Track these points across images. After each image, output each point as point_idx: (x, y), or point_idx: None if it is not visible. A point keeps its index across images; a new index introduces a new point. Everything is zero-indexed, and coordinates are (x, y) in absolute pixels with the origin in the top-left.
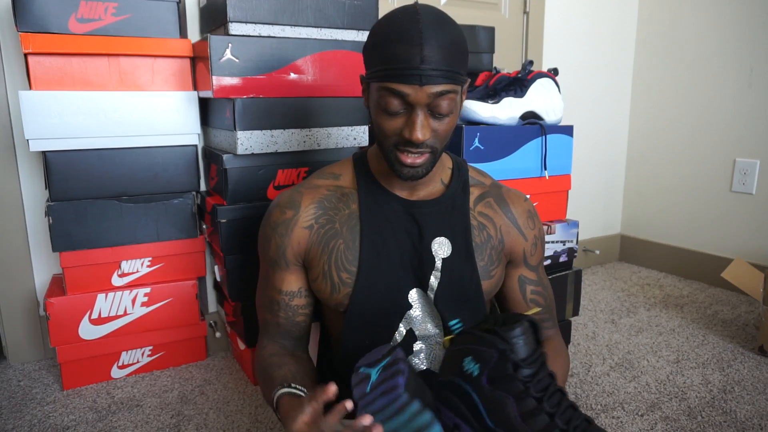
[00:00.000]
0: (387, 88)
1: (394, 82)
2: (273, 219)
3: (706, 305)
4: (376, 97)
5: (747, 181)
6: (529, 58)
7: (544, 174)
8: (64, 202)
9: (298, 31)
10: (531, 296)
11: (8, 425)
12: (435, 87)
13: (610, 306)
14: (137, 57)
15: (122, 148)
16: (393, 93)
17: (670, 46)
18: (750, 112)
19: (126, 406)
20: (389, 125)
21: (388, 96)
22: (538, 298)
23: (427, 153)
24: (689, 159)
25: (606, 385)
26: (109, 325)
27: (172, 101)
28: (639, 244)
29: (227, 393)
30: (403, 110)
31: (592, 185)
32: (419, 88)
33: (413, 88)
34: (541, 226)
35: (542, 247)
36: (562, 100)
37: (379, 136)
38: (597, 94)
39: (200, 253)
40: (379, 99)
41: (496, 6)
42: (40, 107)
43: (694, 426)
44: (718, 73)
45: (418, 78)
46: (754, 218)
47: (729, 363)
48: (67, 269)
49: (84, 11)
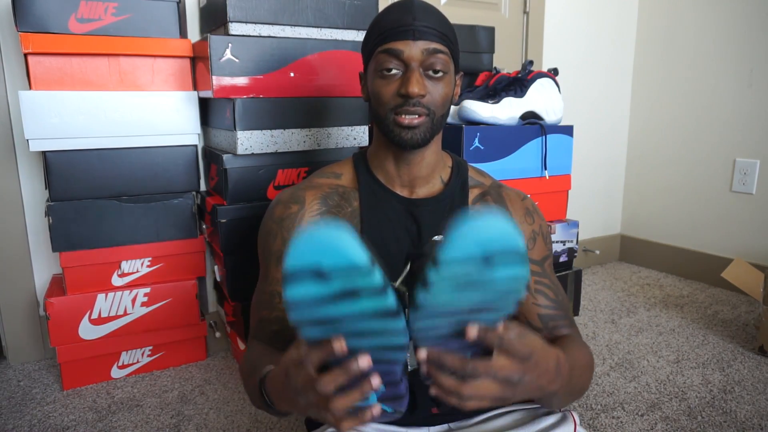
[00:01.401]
0: (382, 50)
1: (388, 42)
2: (277, 214)
3: (706, 305)
4: (373, 68)
5: (747, 181)
6: (529, 58)
7: (544, 174)
8: (64, 202)
9: (298, 31)
10: (535, 287)
11: (8, 425)
12: (428, 43)
13: (610, 306)
14: (137, 57)
15: (122, 148)
16: (388, 53)
17: (670, 46)
18: (750, 112)
19: (126, 406)
20: (386, 89)
21: (383, 57)
22: (546, 290)
23: (424, 114)
24: (689, 159)
25: (606, 385)
26: (109, 325)
27: (172, 101)
28: (639, 244)
29: (227, 393)
30: (398, 71)
31: (592, 185)
32: (413, 43)
33: (406, 43)
34: (542, 223)
35: (544, 242)
36: (562, 100)
37: (378, 107)
38: (597, 94)
39: (200, 253)
40: (376, 65)
41: (496, 6)
42: (40, 107)
43: (695, 426)
44: (718, 73)
45: (411, 33)
46: (754, 218)
47: (729, 363)
48: (67, 269)
49: (84, 11)
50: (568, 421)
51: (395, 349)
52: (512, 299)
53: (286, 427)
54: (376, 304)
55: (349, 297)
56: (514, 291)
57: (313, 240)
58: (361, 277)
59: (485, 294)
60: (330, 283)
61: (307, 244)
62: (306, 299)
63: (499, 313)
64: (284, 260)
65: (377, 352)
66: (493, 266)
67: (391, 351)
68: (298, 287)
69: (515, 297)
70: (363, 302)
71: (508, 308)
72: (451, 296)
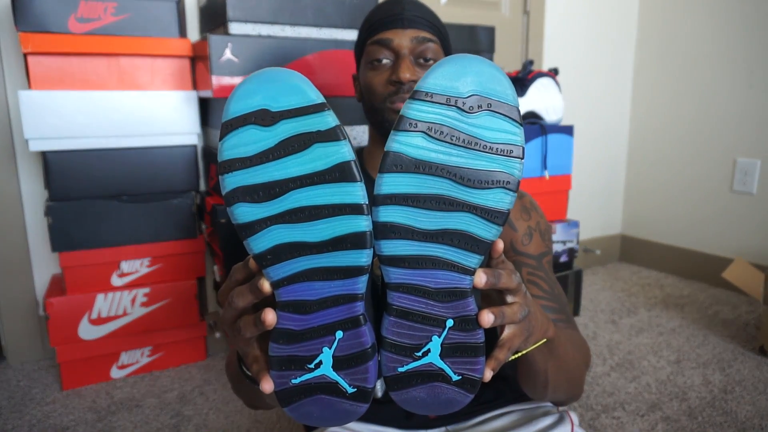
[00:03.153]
0: (372, 41)
1: (378, 33)
2: None
3: (707, 305)
4: (364, 60)
5: (748, 180)
6: (530, 58)
7: (544, 174)
8: (64, 202)
9: (297, 30)
10: (528, 278)
11: (8, 425)
12: (417, 32)
13: (610, 306)
14: (137, 57)
15: (122, 148)
16: (378, 43)
17: (670, 46)
18: (750, 112)
19: (125, 407)
20: (377, 79)
21: (374, 48)
22: (540, 282)
23: None
24: (690, 159)
25: (606, 385)
26: (109, 325)
27: (172, 101)
28: (639, 244)
29: (227, 393)
30: (389, 61)
31: (592, 185)
32: (402, 31)
33: (396, 32)
34: (540, 220)
35: (542, 239)
36: (562, 100)
37: (371, 98)
38: (597, 93)
39: (200, 253)
40: (367, 57)
41: (496, 6)
42: (40, 107)
43: (695, 426)
44: (718, 72)
45: (400, 21)
46: (754, 218)
47: (729, 363)
48: (66, 269)
49: (83, 11)
50: (565, 422)
51: (354, 248)
52: (504, 170)
53: (285, 428)
54: (327, 158)
55: (296, 149)
56: (506, 154)
57: (261, 79)
58: (311, 118)
59: (469, 157)
60: (275, 129)
61: (252, 84)
62: (246, 153)
63: (490, 196)
64: (225, 109)
65: (330, 255)
66: (475, 112)
67: (350, 253)
68: (237, 135)
69: (508, 167)
70: (313, 154)
71: (499, 196)
72: (427, 151)
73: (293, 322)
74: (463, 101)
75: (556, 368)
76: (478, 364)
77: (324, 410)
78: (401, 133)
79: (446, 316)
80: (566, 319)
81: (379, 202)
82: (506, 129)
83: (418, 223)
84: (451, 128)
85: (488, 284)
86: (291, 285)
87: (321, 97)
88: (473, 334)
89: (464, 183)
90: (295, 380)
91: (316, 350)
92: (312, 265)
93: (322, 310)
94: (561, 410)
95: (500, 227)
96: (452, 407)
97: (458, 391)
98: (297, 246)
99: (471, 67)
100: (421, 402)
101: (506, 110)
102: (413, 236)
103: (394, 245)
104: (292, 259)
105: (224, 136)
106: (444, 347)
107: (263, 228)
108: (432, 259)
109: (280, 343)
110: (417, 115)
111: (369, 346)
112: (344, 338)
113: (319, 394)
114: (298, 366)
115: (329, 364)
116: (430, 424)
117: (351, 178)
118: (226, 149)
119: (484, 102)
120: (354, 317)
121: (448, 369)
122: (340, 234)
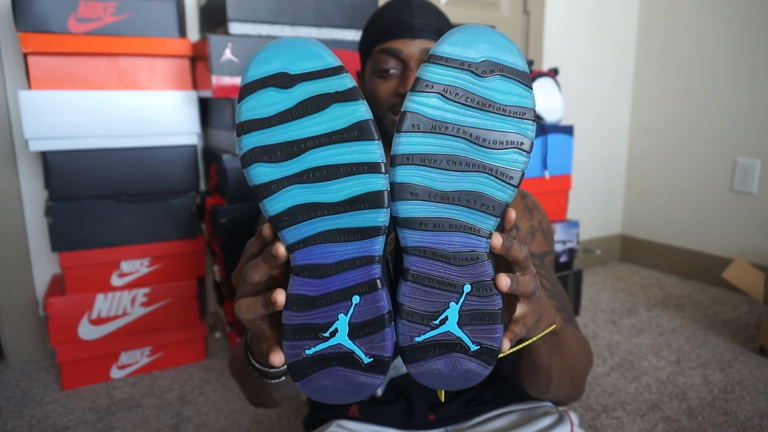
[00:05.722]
0: (380, 49)
1: (386, 41)
2: None
3: (707, 305)
4: (371, 68)
5: (748, 180)
6: (530, 58)
7: (544, 174)
8: (64, 201)
9: (297, 30)
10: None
11: (8, 425)
12: (427, 42)
13: (610, 306)
14: (136, 56)
15: (122, 148)
16: (386, 52)
17: (670, 46)
18: (750, 112)
19: (125, 407)
20: (383, 88)
21: (381, 57)
22: (543, 281)
23: None
24: (690, 159)
25: (607, 385)
26: (109, 326)
27: (172, 101)
28: (640, 244)
29: (227, 393)
30: (397, 71)
31: (592, 185)
32: (411, 41)
33: (405, 42)
34: (542, 220)
35: (544, 239)
36: (562, 100)
37: (375, 106)
38: (598, 93)
39: (200, 253)
40: (374, 65)
41: (496, 6)
42: (40, 107)
43: (695, 426)
44: (718, 72)
45: (410, 31)
46: (754, 218)
47: (730, 363)
48: (66, 269)
49: (83, 11)
50: (565, 422)
51: (372, 207)
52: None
53: (286, 428)
54: (346, 117)
55: (315, 109)
56: (519, 116)
57: (279, 46)
58: (330, 80)
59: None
60: (293, 91)
61: (271, 50)
62: (265, 114)
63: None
64: (243, 74)
65: (347, 215)
66: (487, 76)
67: (368, 212)
68: (256, 97)
69: (522, 129)
70: (331, 113)
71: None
72: (444, 111)
73: (308, 287)
74: (476, 65)
75: (560, 363)
76: (496, 332)
77: (338, 383)
78: (418, 93)
79: (464, 281)
80: (569, 318)
81: (397, 162)
82: (518, 92)
83: (434, 183)
84: (465, 90)
85: (504, 248)
86: (307, 248)
87: (338, 60)
88: (491, 299)
89: (479, 143)
90: (309, 351)
91: (332, 317)
92: (328, 227)
93: (338, 273)
94: (561, 410)
95: (515, 189)
96: (470, 380)
97: (477, 362)
98: (313, 206)
99: (482, 36)
100: (439, 375)
101: (517, 75)
102: (430, 197)
103: (411, 206)
104: (309, 220)
105: (243, 99)
106: (462, 314)
107: (280, 188)
108: (449, 221)
109: (294, 310)
110: (433, 77)
111: (386, 311)
112: (361, 303)
113: (333, 366)
114: (313, 335)
115: (345, 332)
116: (430, 424)
117: (369, 137)
118: (244, 111)
119: (496, 67)
120: (371, 280)
121: (465, 338)
122: (358, 193)
